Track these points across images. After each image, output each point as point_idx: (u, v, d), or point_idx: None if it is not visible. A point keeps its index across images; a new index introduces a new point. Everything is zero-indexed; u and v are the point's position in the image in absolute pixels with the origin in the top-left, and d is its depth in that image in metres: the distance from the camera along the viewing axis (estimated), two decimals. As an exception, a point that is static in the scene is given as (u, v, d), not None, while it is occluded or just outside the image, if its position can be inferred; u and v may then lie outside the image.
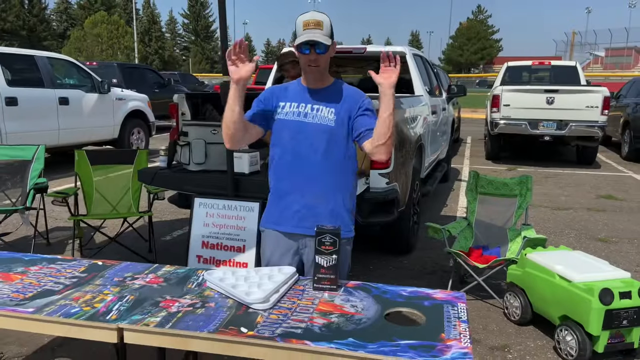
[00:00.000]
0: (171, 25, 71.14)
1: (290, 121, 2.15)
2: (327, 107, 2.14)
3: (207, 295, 1.99)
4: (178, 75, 21.53)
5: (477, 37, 73.27)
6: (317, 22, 2.04)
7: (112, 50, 41.39)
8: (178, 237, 4.88)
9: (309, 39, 2.01)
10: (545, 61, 11.25)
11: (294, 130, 2.14)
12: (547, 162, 9.84)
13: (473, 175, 3.93)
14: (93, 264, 2.32)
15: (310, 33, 2.02)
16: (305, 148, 2.13)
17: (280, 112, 2.17)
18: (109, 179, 4.23)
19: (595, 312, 2.62)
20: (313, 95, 2.16)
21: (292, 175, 2.17)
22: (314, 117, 2.13)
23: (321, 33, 2.03)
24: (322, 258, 2.01)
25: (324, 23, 2.05)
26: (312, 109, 2.14)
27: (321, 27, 2.04)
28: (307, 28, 2.03)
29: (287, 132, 2.15)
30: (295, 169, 2.15)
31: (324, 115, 2.13)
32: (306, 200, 2.16)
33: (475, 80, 15.42)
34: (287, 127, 2.15)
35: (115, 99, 8.62)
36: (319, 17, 2.06)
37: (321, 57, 2.07)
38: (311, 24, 2.03)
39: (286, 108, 2.17)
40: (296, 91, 2.19)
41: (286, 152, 2.16)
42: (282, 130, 2.17)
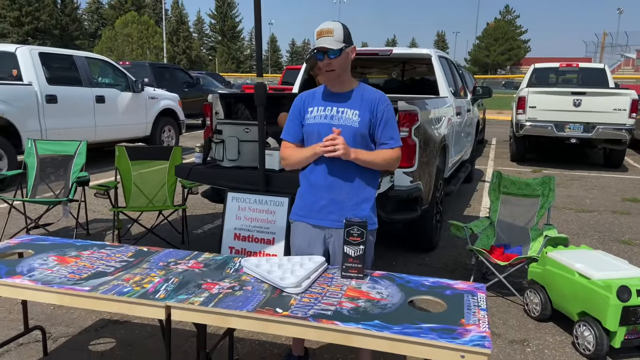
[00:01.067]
0: (198, 26, 72.20)
1: (318, 124, 2.32)
2: (351, 110, 2.30)
3: (244, 279, 2.16)
4: (205, 75, 21.94)
5: (505, 38, 72.32)
6: (328, 30, 2.22)
7: (141, 49, 42.27)
8: (209, 230, 5.09)
9: (319, 46, 2.21)
10: (573, 63, 11.17)
11: (322, 132, 2.30)
12: (574, 164, 9.79)
13: (496, 175, 4.03)
14: (139, 249, 2.52)
15: (321, 39, 2.21)
16: None
17: (309, 117, 2.35)
18: (146, 174, 4.46)
19: (612, 309, 2.71)
20: (338, 98, 2.33)
21: (321, 174, 2.34)
22: (340, 119, 2.30)
23: (331, 39, 2.21)
24: (350, 248, 2.16)
25: (334, 30, 2.22)
26: (338, 111, 2.31)
27: (331, 34, 2.21)
28: (319, 37, 2.22)
29: (316, 134, 2.32)
30: (323, 167, 2.32)
31: (349, 117, 2.29)
32: (333, 196, 2.33)
33: (502, 82, 15.36)
34: (315, 129, 2.32)
35: (148, 97, 8.92)
36: (330, 25, 2.24)
37: (334, 61, 2.23)
38: (323, 32, 2.22)
39: (314, 112, 2.34)
40: (322, 96, 2.36)
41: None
42: (311, 132, 2.34)
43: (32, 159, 4.69)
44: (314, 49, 2.23)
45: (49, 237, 2.69)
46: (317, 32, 2.24)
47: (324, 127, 2.31)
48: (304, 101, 2.40)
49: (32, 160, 4.68)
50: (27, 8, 49.09)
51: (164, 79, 12.79)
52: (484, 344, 1.66)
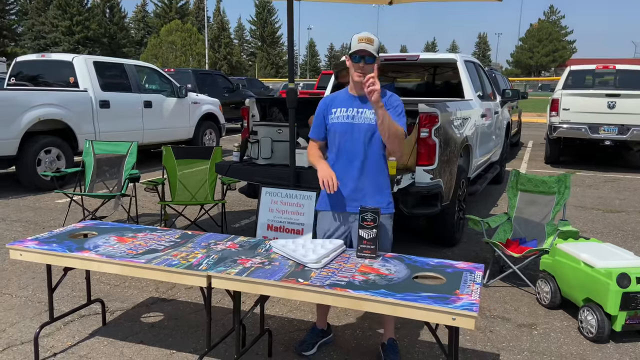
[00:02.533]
0: (239, 32, 73.85)
1: (341, 124, 2.67)
2: (369, 110, 2.64)
3: (272, 257, 2.52)
4: (245, 80, 22.65)
5: (549, 39, 70.74)
6: (369, 38, 2.54)
7: (185, 56, 43.72)
8: (245, 225, 5.50)
9: (361, 49, 2.52)
10: (609, 65, 11.08)
11: (345, 130, 2.65)
12: (609, 167, 9.76)
13: (514, 173, 4.26)
14: (185, 232, 2.92)
15: (362, 44, 2.54)
16: (354, 144, 2.65)
17: (332, 117, 2.70)
18: (190, 172, 4.91)
19: (612, 294, 2.93)
20: (357, 100, 2.67)
21: (345, 167, 2.69)
22: (359, 118, 2.64)
23: (372, 47, 2.54)
24: (364, 231, 2.50)
25: (374, 40, 2.56)
26: (358, 112, 2.65)
27: (372, 43, 2.53)
28: (360, 42, 2.54)
29: (340, 132, 2.66)
30: (347, 161, 2.67)
31: (367, 116, 2.63)
32: (356, 185, 2.67)
33: (538, 84, 15.32)
34: (339, 128, 2.67)
35: (191, 102, 9.48)
36: (371, 35, 2.57)
37: (368, 66, 2.56)
38: (364, 39, 2.53)
39: (337, 113, 2.69)
40: (344, 98, 2.71)
41: (339, 150, 2.68)
42: (335, 132, 2.68)
43: (90, 158, 5.22)
44: (355, 51, 2.53)
45: (108, 222, 3.13)
46: (358, 38, 2.53)
47: (345, 126, 2.66)
48: (327, 104, 2.74)
49: (90, 159, 5.21)
50: (78, 17, 51.60)
51: (206, 85, 13.42)
52: (472, 308, 1.96)
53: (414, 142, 4.11)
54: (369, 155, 2.65)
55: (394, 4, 5.10)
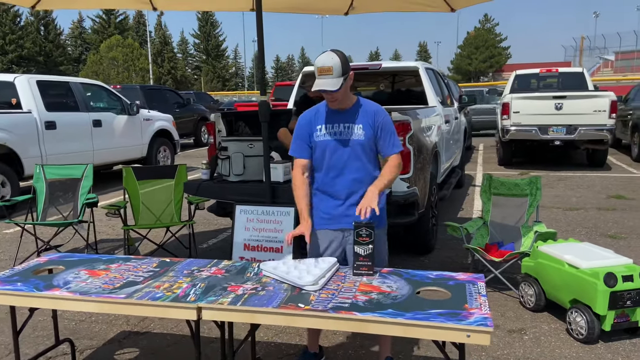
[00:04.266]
0: (183, 46, 72.56)
1: (328, 141, 2.54)
2: (356, 125, 2.53)
3: (265, 281, 2.36)
4: (193, 94, 22.18)
5: (485, 46, 73.54)
6: (327, 69, 2.36)
7: (127, 72, 42.44)
8: (214, 245, 5.27)
9: (320, 89, 2.37)
10: (552, 68, 11.57)
11: (332, 148, 2.53)
12: (559, 165, 10.12)
13: (487, 177, 4.28)
14: (162, 260, 2.71)
15: (322, 80, 2.38)
16: (344, 161, 2.54)
17: (318, 135, 2.56)
18: (153, 193, 4.64)
19: (601, 294, 2.94)
20: (342, 115, 2.55)
21: (336, 185, 2.57)
22: (347, 134, 2.53)
23: (331, 79, 2.36)
24: (360, 248, 2.38)
25: (333, 68, 2.35)
26: (344, 127, 2.53)
27: (331, 72, 2.35)
28: (319, 74, 2.38)
29: (327, 150, 2.54)
30: (338, 179, 2.55)
31: (355, 132, 2.52)
32: (351, 201, 2.56)
33: (485, 89, 15.80)
34: (326, 146, 2.54)
35: (143, 119, 9.13)
36: (328, 62, 2.36)
37: (336, 94, 2.43)
38: (322, 71, 2.37)
39: (322, 130, 2.55)
40: (327, 113, 2.57)
41: (330, 168, 2.56)
42: (321, 150, 2.55)
43: (41, 184, 4.85)
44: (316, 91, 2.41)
45: (75, 254, 2.87)
46: (317, 69, 2.38)
47: (333, 143, 2.53)
48: (309, 120, 2.59)
49: (41, 184, 4.85)
50: (11, 36, 49.14)
51: (155, 101, 13.00)
52: (486, 323, 1.88)
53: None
54: (361, 170, 2.55)
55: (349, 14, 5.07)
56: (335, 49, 2.49)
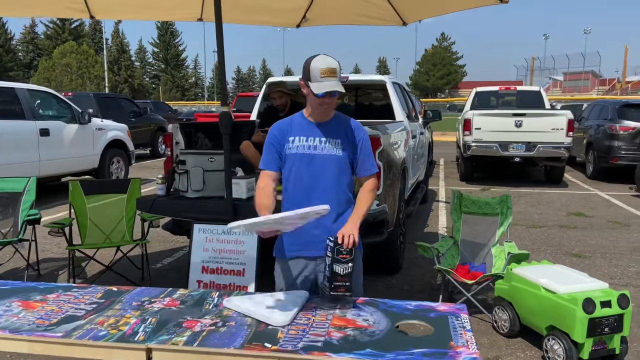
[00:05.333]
0: (141, 54, 71.08)
1: (301, 154, 2.31)
2: (334, 139, 2.32)
3: (226, 315, 2.10)
4: (151, 104, 21.53)
5: (442, 63, 75.55)
6: (333, 70, 2.19)
7: (81, 80, 40.98)
8: (169, 265, 4.93)
9: (332, 90, 2.17)
10: (511, 86, 11.79)
11: (305, 162, 2.31)
12: (518, 182, 10.24)
13: (457, 195, 4.15)
14: (108, 290, 2.40)
15: (329, 82, 2.18)
16: (318, 178, 2.31)
17: (291, 147, 2.33)
18: (102, 208, 4.28)
19: (579, 321, 2.82)
20: (319, 128, 2.33)
21: (309, 204, 2.30)
22: (323, 149, 2.31)
23: (336, 80, 2.20)
24: (339, 266, 2.14)
25: (337, 70, 2.21)
26: (320, 141, 2.32)
27: (336, 74, 2.20)
28: (324, 76, 2.18)
29: (299, 164, 2.32)
30: (310, 197, 2.31)
31: (332, 147, 2.31)
32: (324, 223, 2.32)
33: (446, 105, 16.23)
34: (298, 159, 2.32)
35: (96, 129, 8.65)
36: (334, 64, 2.21)
37: (334, 99, 2.26)
38: (327, 72, 2.18)
39: (296, 142, 2.32)
40: (303, 125, 2.35)
41: (300, 183, 2.33)
42: (293, 163, 2.33)
43: (-24, 198, 4.40)
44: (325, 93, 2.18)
45: (8, 281, 2.52)
46: (321, 70, 2.19)
47: (306, 157, 2.31)
48: (282, 130, 2.36)
49: (-24, 199, 4.40)
50: (-44, 39, 46.80)
51: (109, 109, 12.45)
52: (476, 365, 1.68)
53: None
54: (335, 189, 2.32)
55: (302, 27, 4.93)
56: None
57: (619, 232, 6.24)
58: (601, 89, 56.72)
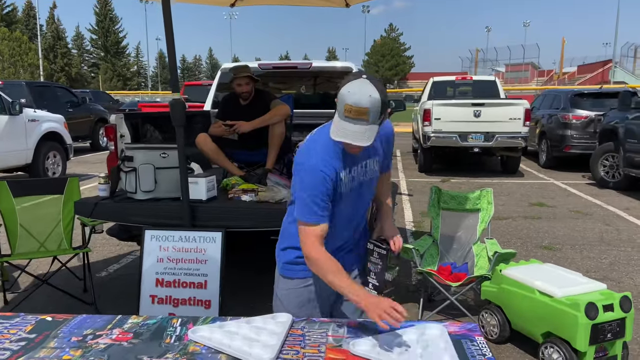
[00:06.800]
0: (78, 41, 67.56)
1: (349, 192, 1.87)
2: (372, 159, 1.92)
3: (192, 351, 1.68)
4: (90, 93, 20.29)
5: (391, 54, 76.16)
6: (362, 111, 1.60)
7: (14, 68, 38.35)
8: (115, 273, 4.40)
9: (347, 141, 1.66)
10: (467, 76, 11.75)
11: (352, 198, 1.90)
12: (476, 172, 10.19)
13: (435, 190, 3.86)
14: (40, 320, 1.92)
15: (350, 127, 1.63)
16: (358, 207, 1.97)
17: (339, 185, 1.82)
18: (34, 212, 3.70)
19: (582, 328, 2.58)
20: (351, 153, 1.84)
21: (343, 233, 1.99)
22: (365, 174, 1.90)
23: (366, 125, 1.63)
24: (389, 274, 1.97)
25: (370, 111, 1.61)
26: (362, 166, 1.88)
27: (366, 116, 1.62)
28: (347, 116, 1.63)
29: (346, 202, 1.88)
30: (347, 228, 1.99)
31: (372, 169, 1.93)
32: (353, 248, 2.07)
33: (402, 95, 16.11)
34: (347, 198, 1.87)
35: (28, 120, 7.83)
36: (365, 102, 1.60)
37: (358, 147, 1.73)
38: (354, 112, 1.61)
39: (344, 179, 1.82)
40: (342, 154, 1.80)
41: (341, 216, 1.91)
42: (340, 201, 1.86)
43: None
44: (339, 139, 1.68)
45: None
46: (345, 106, 1.62)
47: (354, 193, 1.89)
48: (334, 168, 1.78)
49: None
50: None
51: (44, 99, 11.46)
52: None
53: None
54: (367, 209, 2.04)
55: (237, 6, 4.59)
56: (373, 77, 1.68)
57: (583, 221, 6.20)
58: (540, 80, 58.98)
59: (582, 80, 47.72)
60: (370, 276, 1.97)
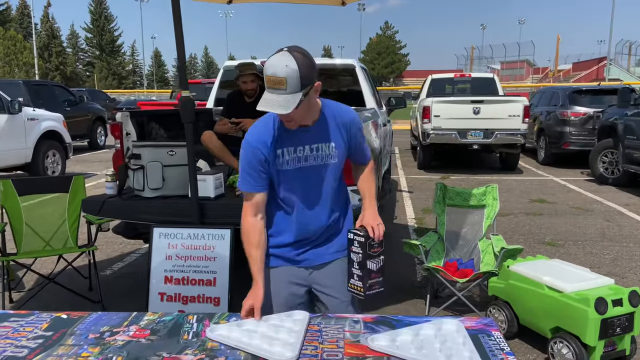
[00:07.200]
0: (73, 40, 67.27)
1: (291, 170, 1.91)
2: (325, 143, 1.92)
3: (211, 347, 1.68)
4: (86, 92, 20.21)
5: (387, 52, 76.17)
6: (278, 80, 1.67)
7: (9, 67, 38.13)
8: (119, 271, 4.39)
9: (264, 109, 1.71)
10: (466, 73, 11.77)
11: (297, 178, 1.92)
12: (475, 169, 10.22)
13: (440, 187, 3.87)
14: (56, 317, 1.91)
15: (268, 96, 1.70)
16: (312, 193, 1.96)
17: (280, 162, 1.89)
18: (40, 210, 3.69)
19: (592, 323, 2.60)
20: (308, 133, 1.89)
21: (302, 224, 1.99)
22: (316, 158, 1.92)
23: (284, 94, 1.68)
24: (372, 262, 1.90)
25: (287, 80, 1.67)
26: (312, 149, 1.90)
27: (283, 85, 1.68)
28: (268, 86, 1.71)
29: (291, 182, 1.93)
30: (305, 216, 1.98)
31: (325, 153, 1.93)
32: (320, 240, 2.04)
33: (401, 92, 16.16)
34: (289, 177, 1.92)
35: (27, 119, 7.80)
36: (281, 72, 1.67)
37: (291, 114, 1.73)
38: (271, 82, 1.69)
39: (285, 155, 1.89)
40: (288, 133, 1.88)
41: (299, 198, 1.96)
42: (283, 181, 1.93)
43: None
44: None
45: None
46: (266, 78, 1.71)
47: (298, 172, 1.91)
48: (264, 142, 1.87)
49: None
50: None
51: (41, 98, 11.40)
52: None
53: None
54: (333, 198, 2.01)
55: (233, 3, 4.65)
56: (295, 47, 1.74)
57: (584, 218, 6.23)
58: (535, 77, 59.12)
59: (577, 78, 47.91)
60: (353, 267, 1.93)
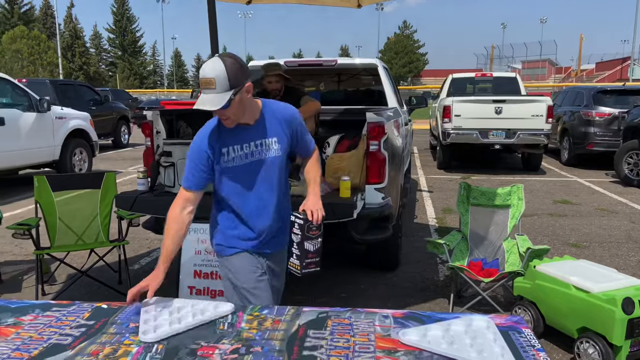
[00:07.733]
0: (96, 41, 68.31)
1: (238, 167, 2.08)
2: (269, 139, 2.09)
3: (246, 337, 1.74)
4: (109, 91, 20.56)
5: (405, 51, 75.74)
6: (208, 81, 1.90)
7: (33, 66, 38.92)
8: (147, 266, 4.49)
9: (197, 108, 1.90)
10: (487, 73, 11.69)
11: (244, 173, 2.09)
12: (496, 169, 10.15)
13: (464, 186, 3.88)
14: (97, 307, 1.99)
15: (202, 96, 1.92)
16: (258, 187, 2.12)
17: (226, 160, 2.07)
18: (73, 206, 3.80)
19: (618, 323, 2.59)
20: (251, 130, 2.08)
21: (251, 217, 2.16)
22: (261, 153, 2.09)
23: (213, 96, 1.90)
24: (309, 243, 2.07)
25: (215, 81, 1.89)
26: (256, 145, 2.08)
27: (213, 85, 1.90)
28: (202, 87, 1.92)
29: (238, 178, 2.09)
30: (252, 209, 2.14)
31: (270, 148, 2.09)
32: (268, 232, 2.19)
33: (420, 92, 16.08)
34: (236, 172, 2.08)
35: (55, 117, 7.99)
36: (210, 73, 1.89)
37: (226, 111, 1.94)
38: (203, 83, 1.91)
39: (231, 153, 2.07)
40: (232, 132, 2.06)
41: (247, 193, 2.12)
42: (231, 177, 2.10)
43: None
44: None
45: (-32, 301, 2.07)
46: (200, 81, 1.95)
47: (245, 168, 2.09)
48: (209, 142, 2.05)
49: None
50: None
51: (67, 97, 11.67)
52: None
53: (362, 158, 3.53)
54: (278, 191, 2.17)
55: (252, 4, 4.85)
56: (227, 53, 1.97)
57: (609, 219, 6.16)
58: (557, 77, 58.25)
59: (600, 78, 47.09)
60: (292, 247, 2.10)
